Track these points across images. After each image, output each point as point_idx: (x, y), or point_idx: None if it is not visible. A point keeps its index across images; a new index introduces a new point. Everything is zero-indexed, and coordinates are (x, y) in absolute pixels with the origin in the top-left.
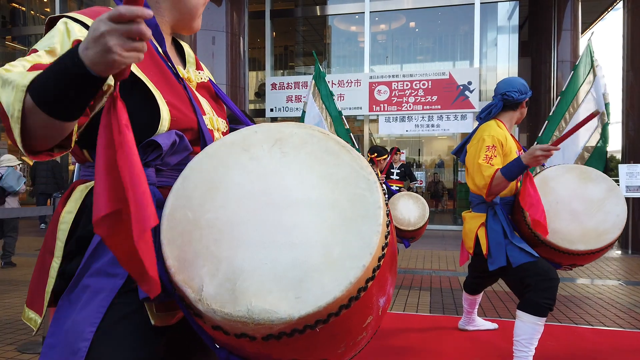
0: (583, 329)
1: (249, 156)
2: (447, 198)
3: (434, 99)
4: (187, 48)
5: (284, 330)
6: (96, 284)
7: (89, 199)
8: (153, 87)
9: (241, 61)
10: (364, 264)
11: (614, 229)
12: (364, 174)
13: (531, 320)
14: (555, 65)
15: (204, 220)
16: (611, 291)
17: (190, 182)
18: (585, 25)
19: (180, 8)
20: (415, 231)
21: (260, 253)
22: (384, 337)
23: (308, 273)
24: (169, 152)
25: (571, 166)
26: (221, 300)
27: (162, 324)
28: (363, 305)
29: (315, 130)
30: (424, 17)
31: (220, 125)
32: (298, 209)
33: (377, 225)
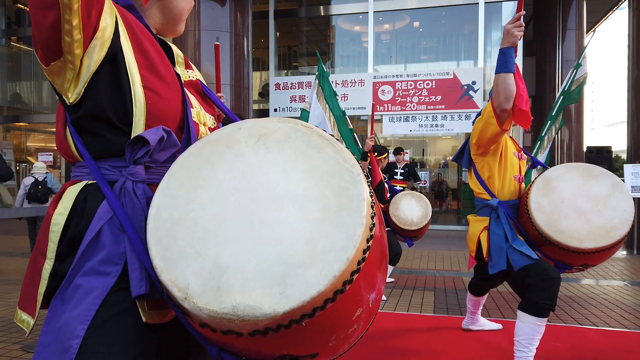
0: (588, 330)
1: (234, 153)
2: (451, 198)
3: (438, 99)
4: (175, 48)
5: (270, 325)
6: (88, 283)
7: (80, 199)
8: (136, 70)
9: (245, 61)
10: (347, 257)
11: (623, 224)
12: (347, 166)
13: (531, 321)
14: (559, 64)
15: (189, 219)
16: (616, 292)
17: (176, 181)
18: (590, 24)
19: (166, 13)
20: (418, 230)
21: (245, 250)
22: (388, 337)
23: (292, 268)
24: (157, 149)
25: (573, 165)
26: (206, 298)
27: (153, 322)
28: (350, 298)
29: (299, 125)
30: (428, 16)
31: (207, 121)
32: (283, 204)
33: (360, 217)
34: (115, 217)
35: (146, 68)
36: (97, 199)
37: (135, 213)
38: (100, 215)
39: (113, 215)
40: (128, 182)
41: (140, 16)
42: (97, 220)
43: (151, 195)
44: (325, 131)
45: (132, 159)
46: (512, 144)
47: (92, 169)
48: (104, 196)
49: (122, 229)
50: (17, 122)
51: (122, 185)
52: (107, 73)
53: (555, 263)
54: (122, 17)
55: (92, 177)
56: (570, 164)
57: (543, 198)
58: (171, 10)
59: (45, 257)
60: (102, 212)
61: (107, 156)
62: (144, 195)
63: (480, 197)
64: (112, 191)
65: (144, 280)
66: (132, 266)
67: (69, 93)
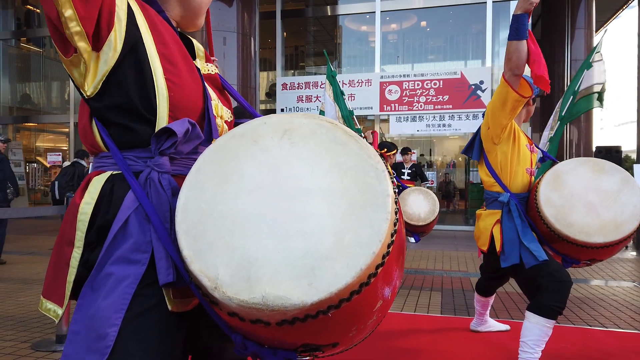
0: (596, 331)
1: (259, 147)
2: (459, 198)
3: (445, 99)
4: (196, 42)
5: (297, 315)
6: (119, 271)
7: (107, 188)
8: (158, 62)
9: (252, 61)
10: (374, 250)
11: (632, 219)
12: (372, 162)
13: (540, 322)
14: (568, 64)
15: (217, 211)
16: (625, 293)
17: (203, 174)
18: (600, 23)
19: (185, 6)
20: (426, 226)
21: (273, 242)
22: (395, 337)
23: (320, 260)
24: (182, 140)
25: (584, 159)
26: (236, 288)
27: (178, 310)
28: (373, 291)
29: (324, 121)
30: (435, 16)
31: (224, 114)
32: (309, 198)
33: (386, 213)
34: (141, 207)
35: (168, 60)
36: (124, 189)
37: (160, 203)
38: (127, 204)
39: (139, 205)
40: (154, 173)
41: (161, 10)
42: (125, 209)
43: (176, 185)
44: None
45: (157, 150)
46: (524, 136)
47: (118, 160)
48: (130, 186)
49: (148, 218)
50: (27, 123)
51: (147, 176)
52: (130, 65)
53: (562, 257)
54: (142, 9)
55: (117, 168)
56: (580, 158)
57: (552, 192)
58: (190, 3)
59: (73, 246)
60: (129, 202)
61: (132, 147)
62: (169, 185)
63: (491, 190)
64: (137, 181)
65: (171, 269)
66: (158, 255)
67: (85, 86)
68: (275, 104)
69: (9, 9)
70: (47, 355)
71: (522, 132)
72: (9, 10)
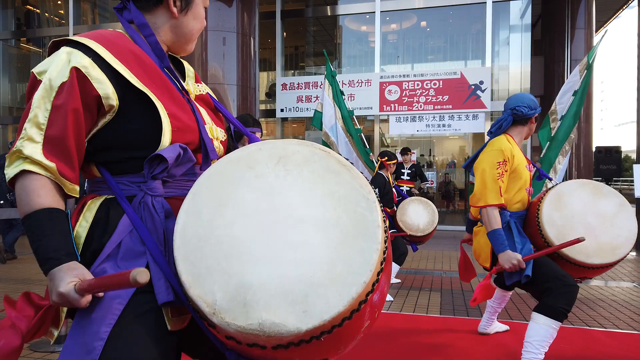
0: (596, 332)
1: (255, 174)
2: (459, 198)
3: (445, 99)
4: (186, 64)
5: (292, 341)
6: (111, 291)
7: (101, 213)
8: (156, 100)
9: (252, 61)
10: (364, 280)
11: (627, 243)
12: (364, 192)
13: (547, 323)
14: (568, 64)
15: (214, 236)
16: (625, 293)
17: (200, 199)
18: (600, 23)
19: (177, 32)
20: (424, 236)
21: (268, 269)
22: (394, 338)
23: (314, 288)
24: (174, 165)
25: (584, 181)
26: (233, 313)
27: (176, 328)
28: (363, 315)
29: (317, 149)
30: (435, 16)
31: (219, 135)
32: (303, 227)
33: (376, 244)
34: (135, 230)
35: (166, 99)
36: (118, 213)
37: (154, 226)
38: (122, 229)
39: (133, 228)
40: (147, 197)
41: (151, 34)
42: (119, 233)
43: (169, 208)
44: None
45: (150, 175)
46: (522, 157)
47: (112, 185)
48: (124, 211)
49: (142, 241)
50: None
51: (141, 200)
52: (132, 114)
53: None
54: (114, 51)
55: (110, 192)
56: (580, 180)
57: (555, 212)
58: (182, 29)
59: None
60: (123, 226)
61: (125, 172)
62: (162, 208)
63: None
64: (130, 206)
65: (170, 288)
66: (156, 276)
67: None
68: (275, 104)
69: (9, 9)
70: (45, 356)
71: (520, 153)
72: (9, 10)
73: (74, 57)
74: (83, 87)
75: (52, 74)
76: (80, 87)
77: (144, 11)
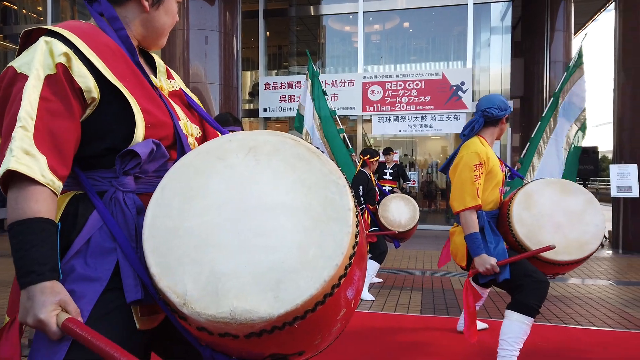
0: (573, 329)
1: (225, 164)
2: (440, 198)
3: (427, 99)
4: (157, 58)
5: (265, 327)
6: (79, 289)
7: (70, 209)
8: (129, 95)
9: (234, 61)
10: (336, 263)
11: (594, 239)
12: (334, 178)
13: (520, 319)
14: (547, 65)
15: (183, 227)
16: (601, 291)
17: (169, 191)
18: (578, 26)
19: (148, 26)
20: (406, 232)
21: (239, 257)
22: (375, 337)
23: (285, 274)
24: (147, 160)
25: (552, 180)
26: (204, 303)
27: (145, 328)
28: (336, 301)
29: (287, 138)
30: (418, 17)
31: (193, 131)
32: (274, 214)
33: (347, 227)
34: (106, 226)
35: (140, 94)
36: (88, 209)
37: (126, 222)
38: (92, 224)
39: (103, 224)
40: (118, 193)
41: (121, 27)
42: (88, 229)
43: (141, 204)
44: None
45: (122, 170)
46: (496, 157)
47: (82, 180)
48: (94, 206)
49: (113, 237)
50: None
51: (112, 196)
52: (106, 109)
53: None
54: (91, 43)
55: (80, 188)
56: (548, 179)
57: (524, 211)
58: (154, 24)
59: None
60: (93, 221)
61: (97, 168)
62: (134, 204)
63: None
64: (101, 201)
65: (139, 286)
66: (125, 273)
67: None
68: (258, 104)
69: None
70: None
71: (493, 155)
72: None
73: (55, 47)
74: (69, 79)
75: (36, 65)
76: (67, 80)
77: (114, 4)
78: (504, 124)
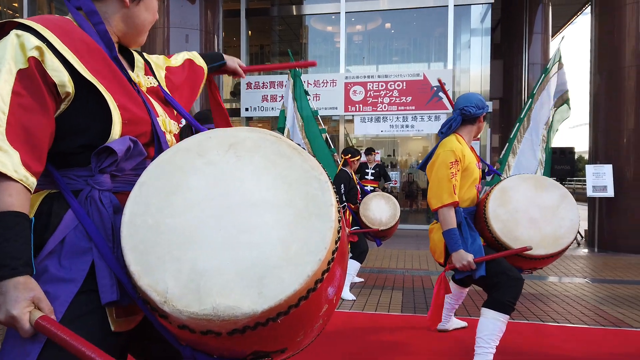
0: (549, 326)
1: (205, 161)
2: (422, 198)
3: (408, 100)
4: (136, 54)
5: (248, 324)
6: (53, 291)
7: (44, 207)
8: (105, 91)
9: None
10: (320, 258)
11: (569, 233)
12: (315, 174)
13: (495, 317)
14: (526, 67)
15: (164, 225)
16: (577, 289)
17: (148, 188)
18: (556, 29)
19: (128, 22)
20: (387, 230)
21: (222, 254)
22: (355, 336)
23: (269, 269)
24: (123, 158)
25: (527, 176)
26: (186, 300)
27: (120, 330)
28: (319, 296)
29: (268, 134)
30: (400, 18)
31: (172, 128)
32: (256, 210)
33: (330, 222)
34: (81, 225)
35: (116, 90)
36: (62, 208)
37: (102, 222)
38: (66, 223)
39: (78, 223)
40: (94, 191)
41: (100, 22)
42: (63, 228)
43: (118, 203)
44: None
45: (97, 168)
46: (473, 155)
47: (57, 178)
48: (69, 205)
49: (89, 237)
50: None
51: (87, 194)
52: (81, 105)
53: None
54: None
55: (54, 187)
56: (523, 175)
57: (500, 207)
58: (134, 20)
59: None
60: (68, 221)
61: (72, 166)
62: (111, 203)
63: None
64: (76, 200)
65: (115, 287)
66: (101, 273)
67: None
68: (240, 103)
69: None
70: None
71: (471, 151)
72: None
73: (27, 41)
74: (42, 74)
75: (7, 59)
76: (40, 74)
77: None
78: (482, 122)
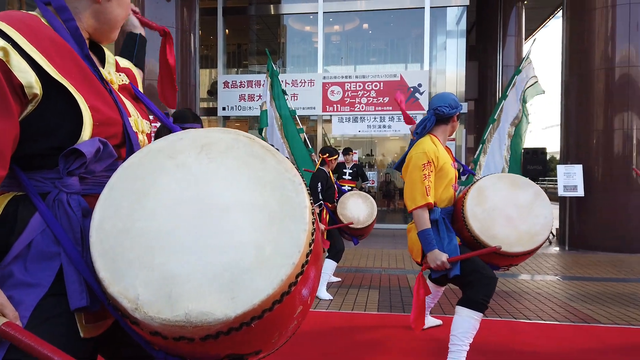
0: (522, 323)
1: (176, 163)
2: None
3: (385, 100)
4: (107, 50)
5: (221, 329)
6: (18, 296)
7: (9, 210)
8: (75, 92)
9: (192, 58)
10: (293, 261)
11: (544, 230)
12: (289, 176)
13: (469, 315)
14: (500, 69)
15: (134, 229)
16: (549, 286)
17: (118, 192)
18: (529, 31)
19: (100, 18)
20: (364, 229)
21: (194, 258)
22: (332, 336)
23: (242, 273)
24: (93, 160)
25: (502, 175)
26: (158, 307)
27: (90, 336)
28: (294, 298)
29: (241, 135)
30: (377, 19)
31: (144, 127)
32: (229, 213)
33: (304, 224)
34: (49, 229)
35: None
36: (29, 211)
37: (70, 225)
38: (33, 227)
39: (45, 227)
40: (62, 194)
41: (71, 18)
42: (29, 232)
43: (87, 206)
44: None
45: (65, 171)
46: (448, 155)
47: (23, 181)
48: (36, 208)
49: (56, 240)
50: None
51: (55, 197)
52: (50, 105)
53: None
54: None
55: (20, 189)
56: (499, 174)
57: (477, 207)
58: (106, 15)
59: None
60: (35, 224)
61: (39, 168)
62: (79, 207)
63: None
64: (43, 203)
65: (85, 292)
66: (69, 279)
67: None
68: (217, 102)
69: None
70: None
71: (446, 151)
72: None
73: None
74: (6, 76)
75: None
76: (5, 76)
77: None
78: (456, 122)
